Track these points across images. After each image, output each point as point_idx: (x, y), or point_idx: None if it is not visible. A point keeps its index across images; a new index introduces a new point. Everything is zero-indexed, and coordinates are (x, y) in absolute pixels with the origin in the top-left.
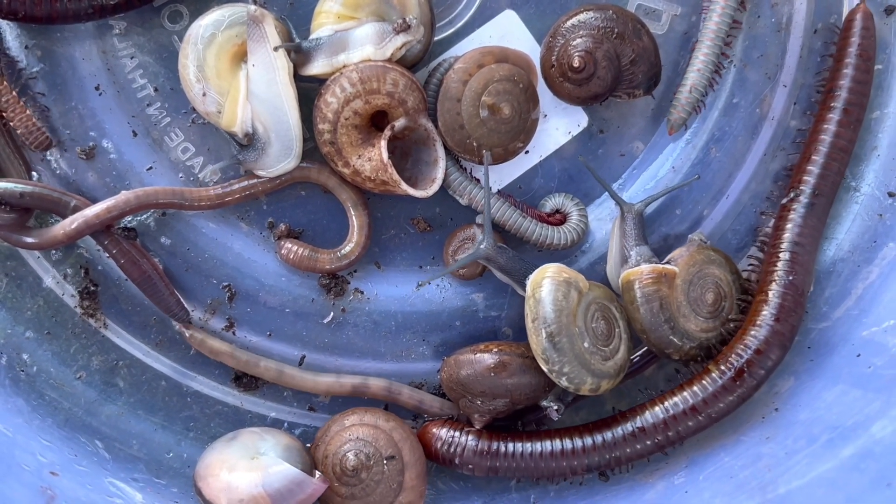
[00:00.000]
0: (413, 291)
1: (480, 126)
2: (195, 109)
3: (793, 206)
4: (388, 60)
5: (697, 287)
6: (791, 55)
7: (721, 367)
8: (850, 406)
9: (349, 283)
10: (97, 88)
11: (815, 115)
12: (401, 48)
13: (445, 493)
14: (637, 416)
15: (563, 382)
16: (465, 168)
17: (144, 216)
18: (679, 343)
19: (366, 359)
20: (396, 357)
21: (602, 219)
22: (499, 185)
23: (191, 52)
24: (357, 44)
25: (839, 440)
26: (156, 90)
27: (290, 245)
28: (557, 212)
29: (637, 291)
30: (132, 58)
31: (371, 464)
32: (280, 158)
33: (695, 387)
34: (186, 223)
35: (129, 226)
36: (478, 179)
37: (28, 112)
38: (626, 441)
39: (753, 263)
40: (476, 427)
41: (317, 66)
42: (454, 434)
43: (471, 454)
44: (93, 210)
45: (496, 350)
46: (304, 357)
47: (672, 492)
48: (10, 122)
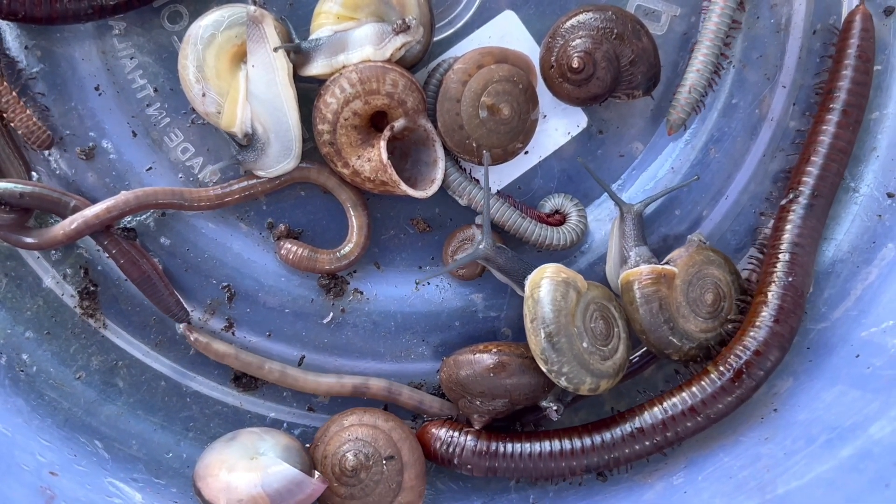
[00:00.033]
0: (412, 292)
1: (480, 126)
2: (195, 110)
3: (792, 208)
4: (388, 61)
5: (697, 287)
6: (790, 56)
7: (720, 368)
8: (849, 406)
9: (349, 284)
10: (97, 89)
11: (814, 117)
12: (400, 49)
13: (445, 493)
14: (636, 417)
15: (562, 382)
16: (465, 168)
17: (144, 216)
18: (678, 343)
19: (365, 359)
20: (396, 357)
21: (601, 219)
22: (498, 186)
23: (190, 53)
24: (356, 44)
25: (838, 441)
26: (155, 90)
27: (290, 245)
28: (557, 212)
29: (636, 292)
30: (132, 58)
31: (370, 464)
32: (279, 159)
33: (694, 388)
34: (186, 223)
35: (129, 226)
36: (477, 180)
37: (28, 112)
38: (625, 442)
39: (753, 263)
40: (475, 427)
41: (316, 67)
42: (453, 434)
43: (470, 454)
44: (92, 210)
45: (495, 350)
46: (304, 357)
47: (671, 492)
48: (11, 123)
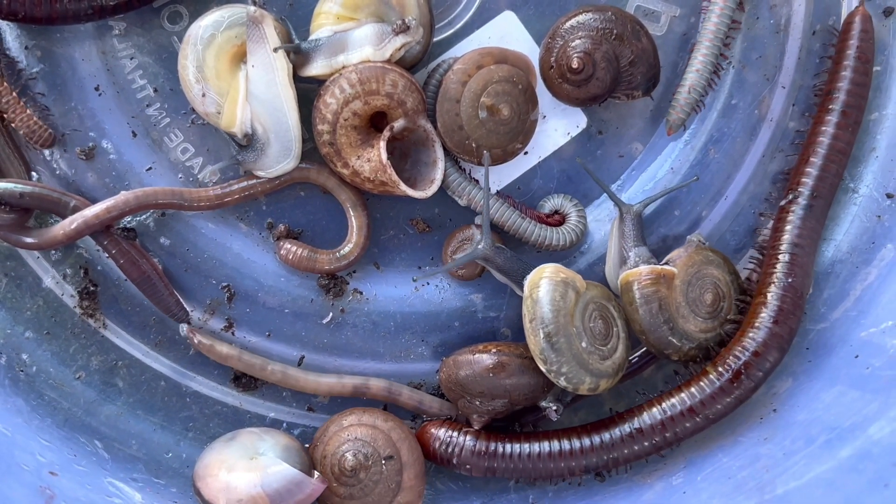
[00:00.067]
0: (412, 292)
1: (479, 127)
2: (195, 110)
3: (791, 208)
4: (388, 61)
5: (696, 288)
6: (790, 57)
7: (719, 369)
8: (848, 407)
9: (348, 284)
10: (97, 89)
11: (814, 117)
12: (400, 49)
13: (444, 493)
14: (635, 418)
15: (562, 382)
16: (464, 169)
17: (144, 216)
18: (678, 344)
19: (365, 359)
20: (395, 357)
21: (601, 220)
22: (498, 186)
23: (190, 53)
24: (356, 45)
25: (837, 441)
26: (155, 91)
27: (290, 245)
28: (556, 213)
29: (636, 292)
30: (132, 58)
31: (369, 464)
32: (279, 159)
33: (692, 388)
34: (186, 223)
35: (129, 226)
36: (476, 180)
37: (28, 112)
38: (624, 442)
39: (754, 262)
40: (475, 427)
41: (316, 67)
42: (452, 434)
43: (469, 454)
44: (92, 210)
45: (495, 350)
46: (304, 357)
47: (670, 492)
48: (12, 124)
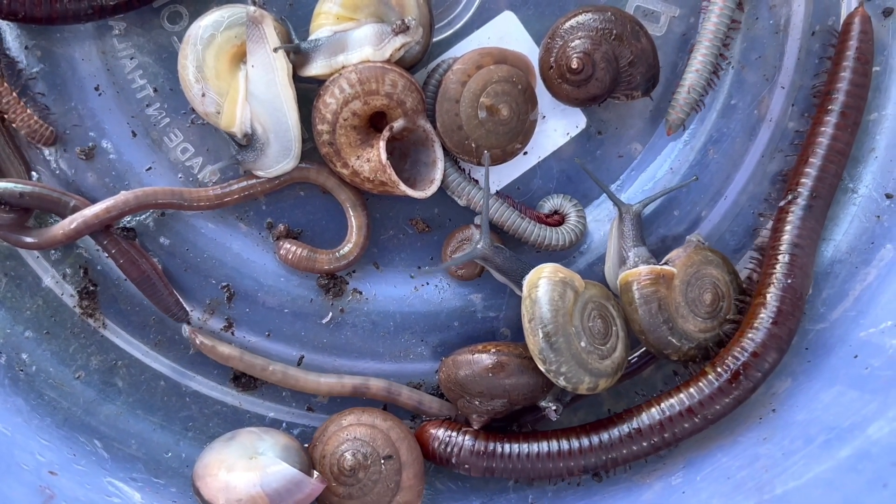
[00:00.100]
0: (411, 292)
1: (479, 127)
2: (194, 110)
3: (790, 209)
4: (387, 61)
5: (695, 288)
6: (789, 57)
7: (717, 370)
8: (848, 407)
9: (348, 284)
10: (97, 89)
11: (813, 118)
12: (399, 49)
13: (444, 493)
14: (633, 418)
15: (561, 382)
16: (464, 169)
17: (144, 216)
18: (678, 344)
19: (364, 359)
20: (395, 357)
21: (600, 220)
22: (497, 186)
23: (190, 53)
24: (356, 45)
25: (836, 441)
26: (155, 91)
27: (289, 245)
28: (556, 213)
29: (635, 293)
30: (132, 58)
31: (368, 463)
32: (279, 159)
33: (691, 388)
34: (185, 223)
35: (129, 226)
36: (476, 180)
37: (29, 111)
38: (623, 442)
39: (754, 262)
40: (474, 427)
41: (316, 67)
42: (451, 434)
43: (467, 454)
44: (92, 210)
45: (494, 350)
46: (303, 357)
47: (669, 492)
48: (13, 124)
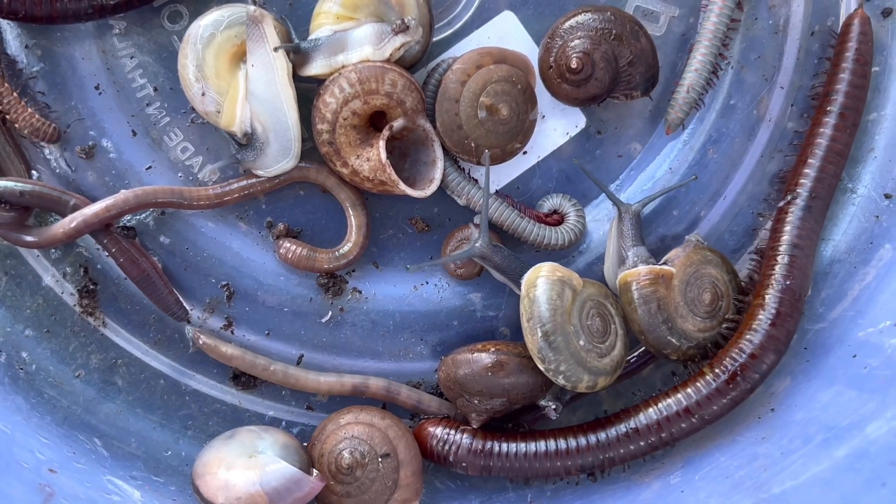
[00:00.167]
0: (411, 291)
1: (478, 127)
2: (194, 109)
3: (790, 209)
4: (387, 61)
5: (694, 287)
6: (788, 57)
7: (715, 370)
8: (846, 407)
9: (347, 283)
10: (97, 88)
11: (812, 119)
12: (399, 49)
13: (443, 492)
14: (631, 418)
15: (560, 381)
16: (464, 168)
17: (144, 215)
18: (677, 343)
19: (364, 358)
20: (394, 356)
21: (599, 219)
22: (497, 186)
23: (190, 52)
24: (356, 44)
25: (834, 440)
26: (155, 90)
27: (289, 244)
28: (555, 212)
29: (635, 293)
30: (132, 57)
31: (366, 462)
32: (279, 158)
33: (689, 389)
34: (185, 222)
35: (129, 225)
36: (476, 180)
37: (30, 111)
38: (620, 442)
39: (754, 262)
40: (473, 426)
41: (316, 67)
42: (449, 432)
43: (465, 452)
44: (92, 209)
45: (493, 349)
46: (303, 356)
47: (668, 491)
48: (15, 124)
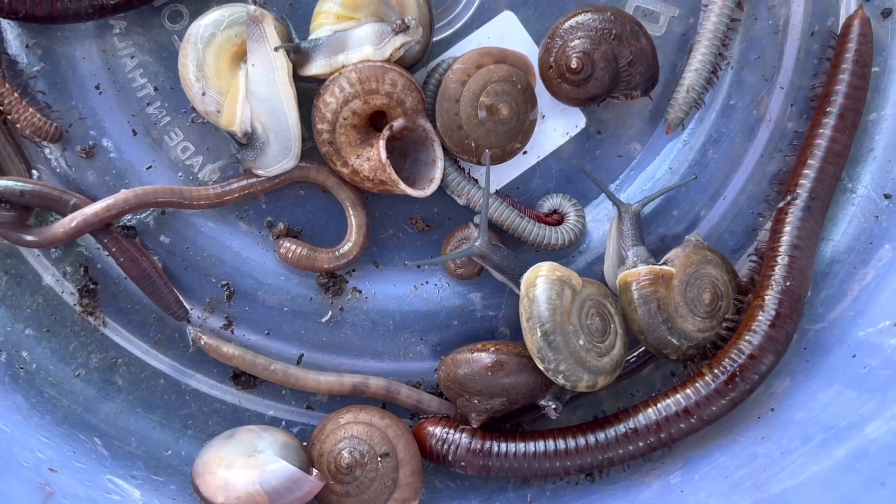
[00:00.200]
0: (411, 291)
1: (478, 126)
2: (195, 109)
3: (789, 210)
4: (387, 61)
5: (694, 287)
6: (788, 57)
7: (714, 371)
8: (845, 406)
9: (347, 283)
10: (97, 87)
11: (811, 120)
12: (399, 49)
13: (442, 492)
14: (630, 418)
15: (560, 380)
16: (464, 168)
17: (144, 215)
18: (677, 343)
19: (364, 358)
20: (394, 356)
21: (599, 219)
22: (497, 186)
23: (190, 52)
24: (356, 44)
25: (834, 440)
26: (156, 89)
27: (289, 244)
28: (555, 212)
29: (634, 293)
30: (132, 57)
31: (365, 461)
32: (279, 158)
33: (688, 389)
34: (186, 222)
35: (129, 224)
36: (476, 179)
37: (31, 110)
38: (619, 442)
39: (755, 263)
40: (473, 426)
41: (316, 67)
42: (448, 431)
43: (464, 452)
44: (92, 208)
45: (493, 349)
46: (303, 356)
47: (668, 491)
48: (17, 124)
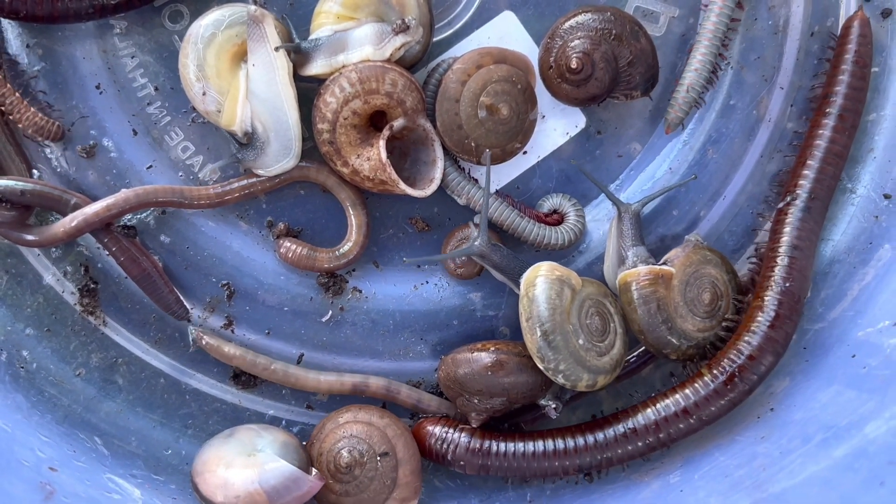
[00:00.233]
0: (411, 290)
1: (478, 126)
2: (195, 108)
3: (789, 210)
4: (387, 61)
5: (694, 287)
6: (788, 58)
7: (713, 372)
8: (845, 406)
9: (347, 282)
10: (98, 87)
11: (811, 120)
12: (400, 49)
13: (442, 491)
14: (629, 418)
15: (560, 380)
16: (464, 168)
17: (144, 214)
18: (677, 343)
19: (364, 357)
20: (394, 356)
21: (599, 219)
22: (497, 186)
23: (191, 52)
24: (356, 44)
25: (833, 440)
26: (156, 89)
27: (289, 244)
28: (555, 212)
29: (634, 293)
30: (133, 57)
31: (364, 460)
32: (279, 157)
33: (687, 390)
34: (186, 221)
35: (129, 224)
36: (476, 179)
37: (33, 110)
38: (618, 442)
39: (754, 263)
40: (473, 425)
41: (316, 67)
42: (448, 431)
43: (463, 451)
44: (93, 208)
45: (493, 349)
46: (303, 355)
47: (667, 491)
48: (19, 124)
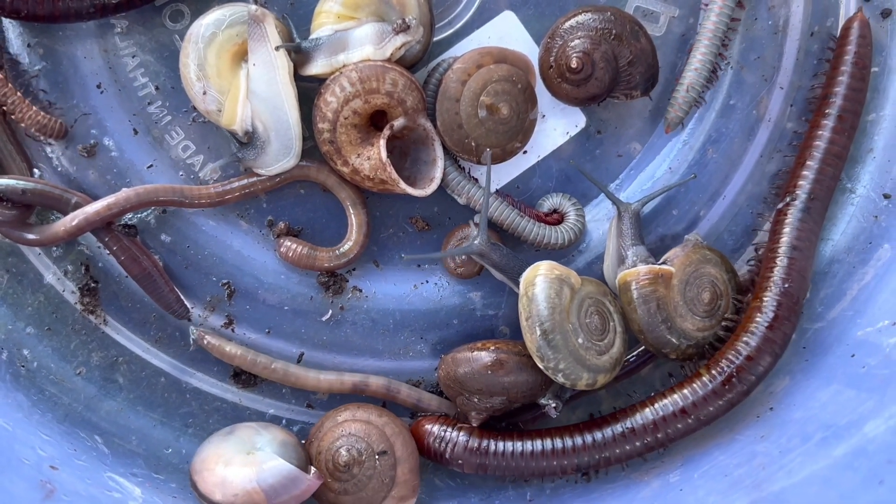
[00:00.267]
0: (411, 290)
1: (479, 126)
2: (196, 108)
3: (788, 211)
4: (388, 60)
5: (694, 287)
6: (788, 58)
7: (712, 372)
8: (844, 405)
9: (348, 282)
10: (99, 87)
11: (810, 121)
12: (400, 48)
13: (442, 490)
14: (627, 417)
15: (560, 379)
16: (464, 167)
17: (145, 213)
18: (676, 343)
19: (364, 356)
20: (394, 355)
21: (599, 219)
22: (497, 185)
23: (192, 51)
24: (357, 44)
25: (833, 439)
26: (157, 89)
27: (290, 243)
28: (555, 211)
29: (634, 292)
30: (133, 56)
31: (363, 459)
32: (279, 157)
33: (685, 390)
34: (186, 221)
35: (130, 223)
36: (476, 179)
37: (35, 108)
38: (616, 441)
39: (754, 263)
40: (473, 424)
41: (317, 66)
42: (446, 429)
43: (461, 450)
44: (93, 207)
45: (493, 348)
46: (303, 354)
47: (667, 490)
48: (21, 123)
